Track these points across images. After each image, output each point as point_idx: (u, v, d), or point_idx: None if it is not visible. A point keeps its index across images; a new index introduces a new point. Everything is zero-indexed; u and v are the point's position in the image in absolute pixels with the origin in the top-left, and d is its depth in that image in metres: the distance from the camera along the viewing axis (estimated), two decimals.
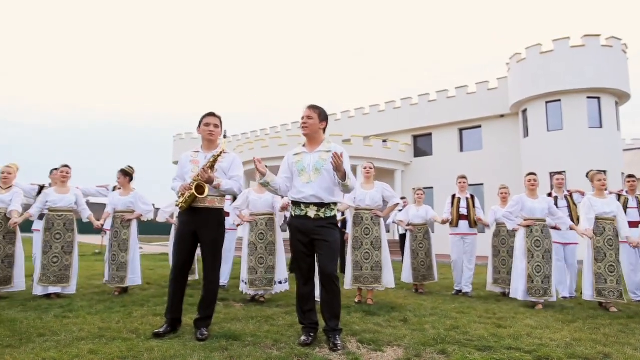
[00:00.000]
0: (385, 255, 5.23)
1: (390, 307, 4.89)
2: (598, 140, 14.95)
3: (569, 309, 4.97)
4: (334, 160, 3.11)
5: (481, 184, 17.67)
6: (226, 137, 4.09)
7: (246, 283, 5.24)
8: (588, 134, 14.99)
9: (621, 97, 15.70)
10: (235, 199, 6.71)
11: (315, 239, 3.32)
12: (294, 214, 3.41)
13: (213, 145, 3.71)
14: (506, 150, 17.63)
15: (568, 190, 6.28)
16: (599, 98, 15.20)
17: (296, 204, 3.40)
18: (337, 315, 3.30)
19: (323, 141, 3.51)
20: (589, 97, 15.17)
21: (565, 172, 12.45)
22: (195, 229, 3.54)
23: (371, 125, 21.65)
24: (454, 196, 6.59)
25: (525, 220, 5.36)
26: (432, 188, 18.76)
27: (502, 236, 6.18)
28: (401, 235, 9.09)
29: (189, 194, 3.43)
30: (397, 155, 19.75)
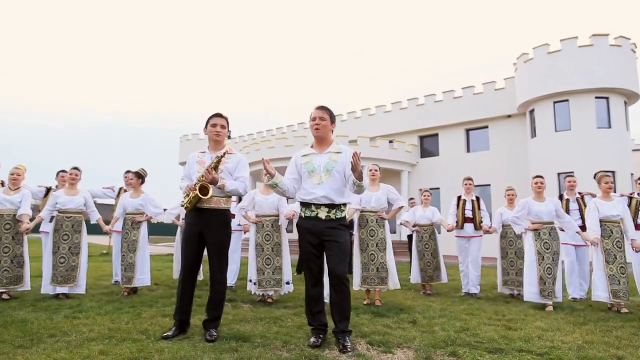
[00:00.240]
0: (390, 257, 5.27)
1: (398, 309, 4.87)
2: (607, 140, 14.82)
3: (580, 311, 4.93)
4: (354, 160, 3.12)
5: (488, 185, 17.60)
6: (230, 138, 4.10)
7: (255, 283, 5.27)
8: (596, 134, 14.86)
9: (630, 97, 15.57)
10: (240, 200, 6.75)
11: (325, 240, 3.31)
12: (304, 215, 3.39)
13: (220, 146, 3.71)
14: (513, 150, 17.53)
15: (579, 193, 6.24)
16: (607, 98, 15.08)
17: (306, 205, 3.38)
18: (347, 316, 3.29)
19: (332, 142, 3.51)
20: (597, 97, 15.05)
21: (573, 173, 12.38)
22: (201, 229, 3.54)
23: (377, 125, 21.64)
24: (459, 198, 6.57)
25: (532, 223, 5.36)
26: (439, 189, 18.72)
27: (510, 238, 6.16)
28: (409, 236, 9.06)
29: (193, 195, 3.44)
30: (404, 156, 19.71)
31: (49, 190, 6.38)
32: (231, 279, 7.03)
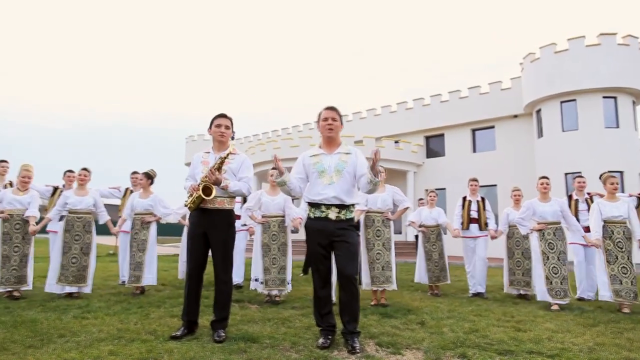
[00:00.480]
0: (393, 257, 5.32)
1: (406, 310, 4.85)
2: (614, 140, 14.69)
3: (589, 312, 4.88)
4: (375, 157, 3.13)
5: (494, 185, 17.51)
6: (234, 139, 4.10)
7: (262, 282, 5.33)
8: (604, 134, 14.74)
9: (638, 97, 15.42)
10: (245, 200, 6.77)
11: (335, 240, 3.30)
12: (313, 216, 3.38)
13: (224, 147, 3.71)
14: (520, 151, 17.43)
15: (588, 193, 6.22)
16: (615, 98, 14.95)
17: (315, 205, 3.37)
18: (356, 317, 3.28)
19: (340, 143, 3.51)
20: (605, 97, 14.92)
21: (580, 173, 12.29)
22: (205, 230, 3.54)
23: (383, 126, 21.60)
24: (464, 199, 6.60)
25: (538, 224, 5.41)
26: (445, 189, 18.64)
27: (516, 238, 6.15)
28: (417, 237, 9.05)
29: (196, 195, 3.45)
30: (409, 156, 19.66)
31: (56, 189, 6.42)
32: (238, 277, 7.07)
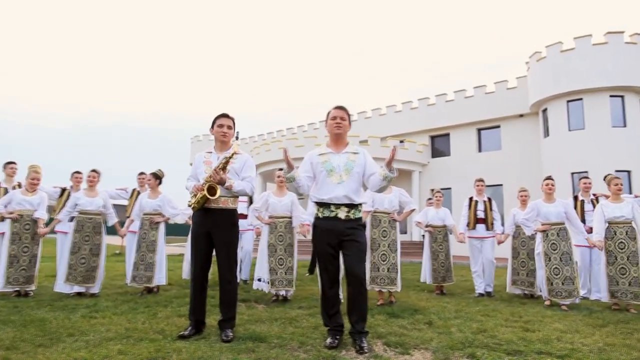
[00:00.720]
0: (399, 259, 5.31)
1: (413, 310, 4.84)
2: (621, 139, 14.57)
3: (598, 313, 4.85)
4: (392, 154, 3.16)
5: (500, 185, 17.43)
6: (238, 139, 4.10)
7: (267, 282, 5.35)
8: (611, 134, 14.61)
9: None
10: (251, 201, 6.80)
11: (344, 240, 3.29)
12: (322, 216, 3.36)
13: (226, 146, 3.71)
14: (526, 150, 17.34)
15: (594, 194, 6.20)
16: (622, 96, 14.82)
17: (324, 205, 3.35)
18: (364, 317, 3.27)
19: (348, 143, 3.51)
20: (612, 96, 14.79)
21: (587, 173, 12.20)
22: (209, 229, 3.54)
23: (388, 125, 21.54)
24: (471, 199, 6.60)
25: (542, 224, 5.44)
26: (450, 189, 18.58)
27: (522, 238, 6.15)
28: (424, 236, 9.05)
29: (201, 195, 3.45)
30: (415, 156, 19.60)
31: (64, 190, 6.46)
32: (244, 275, 7.10)
